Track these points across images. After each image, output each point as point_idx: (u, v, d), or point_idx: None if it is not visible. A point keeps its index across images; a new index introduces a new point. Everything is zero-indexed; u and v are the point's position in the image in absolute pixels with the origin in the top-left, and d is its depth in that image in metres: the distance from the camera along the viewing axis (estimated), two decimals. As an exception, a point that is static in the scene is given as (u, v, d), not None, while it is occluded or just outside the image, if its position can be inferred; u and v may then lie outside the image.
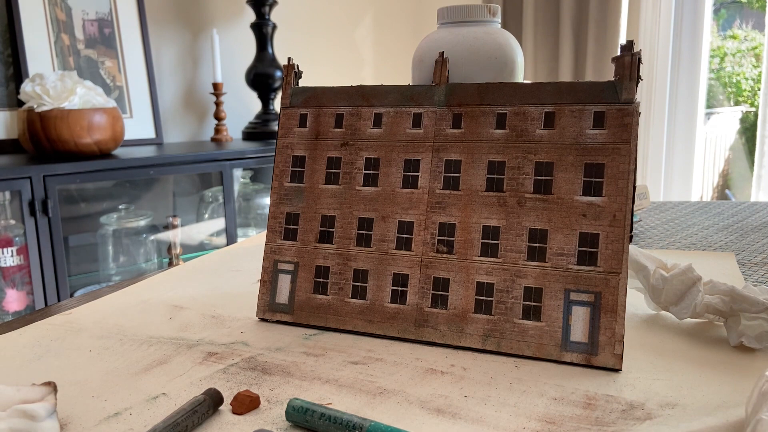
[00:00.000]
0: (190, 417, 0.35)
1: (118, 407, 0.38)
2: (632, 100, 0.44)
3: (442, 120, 0.49)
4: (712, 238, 0.79)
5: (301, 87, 0.54)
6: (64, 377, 0.42)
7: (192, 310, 0.56)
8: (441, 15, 0.54)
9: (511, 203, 0.46)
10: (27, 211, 1.55)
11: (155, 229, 1.98)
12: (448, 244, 0.47)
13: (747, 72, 2.54)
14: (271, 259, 0.52)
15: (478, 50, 0.51)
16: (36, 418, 0.33)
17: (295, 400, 0.36)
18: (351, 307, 0.49)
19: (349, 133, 0.52)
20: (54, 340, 0.49)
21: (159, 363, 0.44)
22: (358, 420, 0.34)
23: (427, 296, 0.47)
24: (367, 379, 0.41)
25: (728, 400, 0.37)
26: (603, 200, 0.43)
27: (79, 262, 1.89)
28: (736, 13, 2.58)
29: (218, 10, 2.26)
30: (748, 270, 0.65)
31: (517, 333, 0.44)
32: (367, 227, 0.50)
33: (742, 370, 0.41)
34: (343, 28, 2.62)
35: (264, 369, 0.43)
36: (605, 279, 0.43)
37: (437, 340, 0.46)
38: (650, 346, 0.45)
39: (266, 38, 2.18)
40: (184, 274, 0.69)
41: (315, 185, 0.52)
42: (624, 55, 0.44)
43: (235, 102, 2.28)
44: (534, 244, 0.45)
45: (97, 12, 1.89)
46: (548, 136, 0.46)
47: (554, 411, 0.37)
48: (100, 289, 0.65)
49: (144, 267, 1.95)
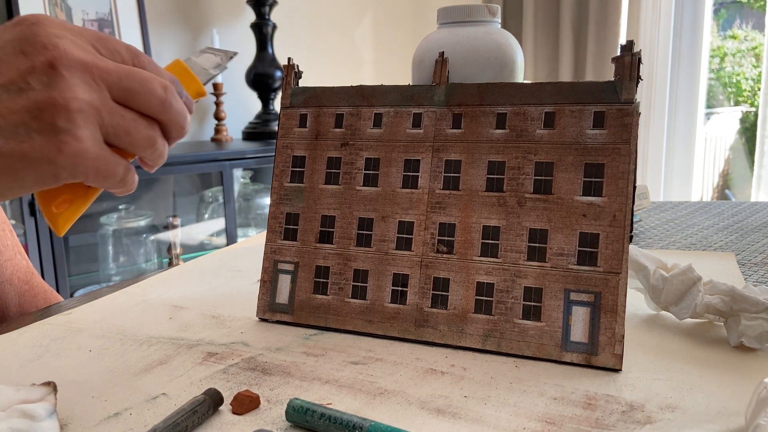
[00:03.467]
0: (190, 417, 0.35)
1: (118, 407, 0.38)
2: (632, 100, 0.44)
3: (442, 120, 0.49)
4: (712, 238, 0.79)
5: (301, 87, 0.54)
6: (64, 377, 0.42)
7: (192, 310, 0.56)
8: (441, 15, 0.54)
9: (511, 203, 0.46)
10: (27, 211, 1.55)
11: (155, 229, 1.99)
12: (448, 244, 0.47)
13: (747, 72, 2.54)
14: (271, 259, 0.52)
15: (478, 50, 0.51)
16: (36, 418, 0.33)
17: (295, 400, 0.36)
18: (351, 307, 0.49)
19: (349, 133, 0.52)
20: (54, 340, 0.49)
21: (159, 363, 0.44)
22: (358, 420, 0.34)
23: (427, 296, 0.47)
24: (367, 379, 0.41)
25: (728, 402, 0.37)
26: (603, 200, 0.43)
27: (79, 262, 1.89)
28: (736, 13, 2.58)
29: (218, 10, 2.26)
30: (748, 270, 0.65)
31: (517, 333, 0.44)
32: (367, 227, 0.50)
33: (742, 370, 0.41)
34: (343, 28, 2.62)
35: (264, 369, 0.43)
36: (605, 279, 0.43)
37: (437, 340, 0.46)
38: (650, 346, 0.45)
39: (266, 38, 2.18)
40: (184, 274, 0.69)
41: (315, 185, 0.52)
42: (624, 55, 0.44)
43: (235, 102, 2.28)
44: (534, 244, 0.45)
45: (97, 12, 1.89)
46: (548, 136, 0.46)
47: (554, 411, 0.37)
48: (100, 289, 0.65)
49: (144, 267, 1.95)
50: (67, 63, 0.32)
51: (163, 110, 0.36)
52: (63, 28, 0.34)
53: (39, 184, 0.33)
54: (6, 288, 0.63)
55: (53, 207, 0.37)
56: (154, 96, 0.35)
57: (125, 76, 0.34)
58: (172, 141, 0.38)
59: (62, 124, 0.32)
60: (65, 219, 0.38)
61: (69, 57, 0.32)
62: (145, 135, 0.36)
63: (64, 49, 0.32)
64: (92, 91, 0.33)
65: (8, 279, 0.63)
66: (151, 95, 0.35)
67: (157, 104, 0.36)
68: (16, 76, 0.32)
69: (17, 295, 0.64)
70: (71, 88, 0.32)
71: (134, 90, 0.35)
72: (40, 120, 0.31)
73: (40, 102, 0.31)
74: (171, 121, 0.37)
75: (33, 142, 0.32)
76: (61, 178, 0.33)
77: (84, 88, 0.33)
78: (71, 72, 0.32)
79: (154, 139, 0.36)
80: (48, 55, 0.32)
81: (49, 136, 0.32)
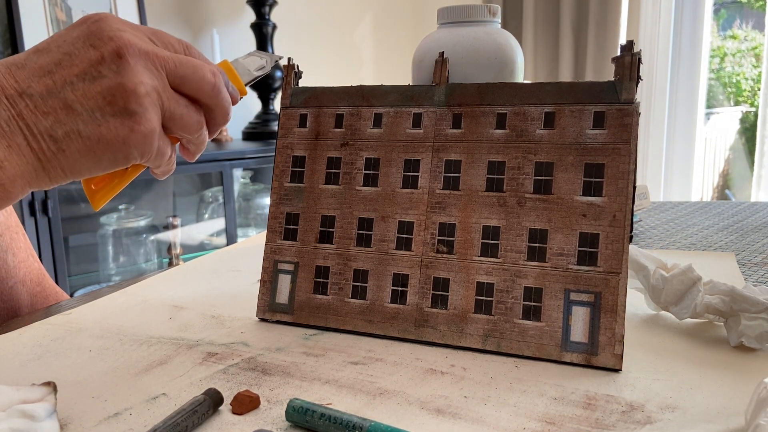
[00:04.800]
0: (190, 417, 0.35)
1: (118, 407, 0.38)
2: (632, 100, 0.44)
3: (442, 120, 0.49)
4: (712, 238, 0.79)
5: (301, 87, 0.54)
6: (64, 377, 0.42)
7: (192, 310, 0.56)
8: (441, 15, 0.54)
9: (511, 203, 0.46)
10: (27, 211, 1.55)
11: (155, 229, 1.99)
12: (448, 244, 0.47)
13: (747, 72, 2.54)
14: (271, 259, 0.52)
15: (478, 50, 0.51)
16: (36, 418, 0.33)
17: (295, 400, 0.36)
18: (351, 307, 0.49)
19: (349, 133, 0.52)
20: (54, 340, 0.49)
21: (159, 363, 0.44)
22: (358, 420, 0.34)
23: (427, 296, 0.47)
24: (367, 379, 0.41)
25: (728, 403, 0.37)
26: (603, 200, 0.43)
27: (79, 262, 1.89)
28: (736, 13, 2.58)
29: (218, 10, 2.26)
30: (748, 270, 0.65)
31: (517, 333, 0.44)
32: (367, 227, 0.50)
33: (742, 370, 0.41)
34: (343, 28, 2.62)
35: (264, 369, 0.43)
36: (605, 279, 0.43)
37: (437, 340, 0.46)
38: (650, 346, 0.45)
39: (266, 38, 2.18)
40: (184, 274, 0.69)
41: (315, 185, 0.52)
42: (624, 55, 0.44)
43: (235, 102, 2.28)
44: (534, 244, 0.45)
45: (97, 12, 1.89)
46: (548, 136, 0.46)
47: (554, 411, 0.37)
48: (100, 289, 0.65)
49: (144, 267, 1.95)
50: (132, 51, 0.35)
51: (213, 94, 0.40)
52: (123, 23, 0.37)
53: (113, 164, 0.37)
54: (19, 289, 0.63)
55: (92, 184, 0.41)
56: (205, 81, 0.39)
57: (180, 64, 0.38)
58: (216, 128, 0.42)
59: (133, 107, 0.35)
60: (102, 196, 0.41)
61: (133, 46, 0.36)
62: (195, 119, 0.39)
63: (128, 39, 0.36)
64: (154, 77, 0.36)
65: (21, 280, 0.64)
66: (203, 81, 0.39)
67: (208, 89, 0.39)
68: (88, 66, 0.35)
69: (29, 297, 0.65)
70: (137, 73, 0.35)
71: (188, 76, 0.38)
72: (113, 104, 0.35)
73: (112, 88, 0.35)
74: (218, 105, 0.40)
75: (108, 124, 0.35)
76: (132, 157, 0.37)
77: (148, 74, 0.36)
78: (136, 60, 0.36)
79: (201, 124, 0.40)
80: (114, 45, 0.35)
81: (123, 118, 0.35)
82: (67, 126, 0.35)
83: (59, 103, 0.34)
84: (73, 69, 0.35)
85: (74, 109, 0.34)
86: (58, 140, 0.35)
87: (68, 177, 0.36)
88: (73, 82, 0.35)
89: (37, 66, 0.35)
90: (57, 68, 0.35)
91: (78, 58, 0.35)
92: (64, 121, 0.34)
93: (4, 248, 0.63)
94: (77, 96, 0.35)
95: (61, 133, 0.34)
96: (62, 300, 0.69)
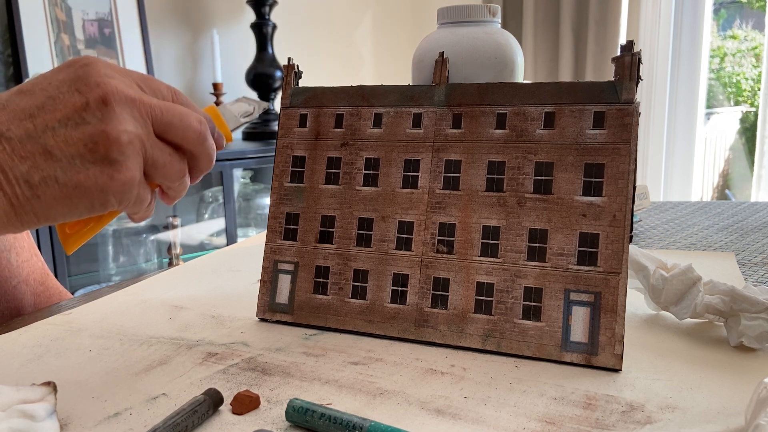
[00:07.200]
0: (190, 417, 0.35)
1: (118, 407, 0.38)
2: (632, 100, 0.44)
3: (442, 120, 0.49)
4: (712, 238, 0.79)
5: (301, 87, 0.54)
6: (64, 377, 0.42)
7: (192, 310, 0.56)
8: (441, 15, 0.54)
9: (511, 203, 0.46)
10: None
11: (155, 229, 1.99)
12: (448, 244, 0.47)
13: (747, 72, 2.54)
14: (271, 259, 0.52)
15: (478, 50, 0.51)
16: (36, 418, 0.33)
17: (295, 400, 0.36)
18: (351, 307, 0.49)
19: (349, 133, 0.52)
20: (54, 340, 0.49)
21: (159, 363, 0.44)
22: (358, 420, 0.34)
23: (427, 296, 0.47)
24: (367, 379, 0.41)
25: (728, 403, 0.37)
26: (603, 200, 0.43)
27: (79, 262, 1.89)
28: (736, 13, 2.58)
29: (218, 10, 2.26)
30: (748, 270, 0.65)
31: (517, 333, 0.44)
32: (367, 227, 0.50)
33: (742, 370, 0.41)
34: (343, 28, 2.62)
35: (264, 369, 0.43)
36: (605, 279, 0.43)
37: (437, 340, 0.46)
38: (650, 346, 0.45)
39: (266, 38, 2.18)
40: (184, 274, 0.69)
41: (315, 185, 0.52)
42: (624, 55, 0.44)
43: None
44: (534, 244, 0.45)
45: (97, 12, 1.89)
46: (548, 136, 0.46)
47: (554, 411, 0.37)
48: (100, 289, 0.65)
49: (144, 267, 1.95)
50: (118, 98, 0.35)
51: (199, 142, 0.39)
52: (112, 68, 0.37)
53: (90, 211, 0.36)
54: (23, 288, 0.63)
55: (66, 228, 0.40)
56: (191, 129, 0.38)
57: (167, 111, 0.37)
58: (198, 174, 0.42)
59: (115, 155, 0.34)
60: (75, 240, 0.41)
61: (120, 93, 0.35)
62: (178, 168, 0.39)
63: (114, 86, 0.35)
64: (139, 125, 0.36)
65: (24, 279, 0.64)
66: (189, 129, 0.38)
67: (194, 137, 0.39)
68: (72, 111, 0.34)
69: (33, 296, 0.65)
70: (122, 121, 0.35)
71: (174, 124, 0.38)
72: (94, 152, 0.34)
73: (95, 135, 0.34)
74: (203, 153, 0.40)
75: (88, 171, 0.34)
76: (110, 204, 0.36)
77: (132, 122, 0.35)
78: (122, 107, 0.35)
79: (184, 172, 0.40)
80: (101, 92, 0.35)
81: (103, 166, 0.34)
82: (45, 172, 0.34)
83: (38, 148, 0.33)
84: (56, 114, 0.34)
85: (53, 154, 0.34)
86: (33, 186, 0.33)
87: (41, 222, 0.35)
88: (54, 127, 0.34)
89: (19, 108, 0.34)
90: (39, 112, 0.34)
91: (62, 103, 0.34)
92: (42, 166, 0.33)
93: (8, 247, 0.63)
94: (57, 142, 0.34)
95: (38, 178, 0.33)
96: (65, 299, 0.69)
